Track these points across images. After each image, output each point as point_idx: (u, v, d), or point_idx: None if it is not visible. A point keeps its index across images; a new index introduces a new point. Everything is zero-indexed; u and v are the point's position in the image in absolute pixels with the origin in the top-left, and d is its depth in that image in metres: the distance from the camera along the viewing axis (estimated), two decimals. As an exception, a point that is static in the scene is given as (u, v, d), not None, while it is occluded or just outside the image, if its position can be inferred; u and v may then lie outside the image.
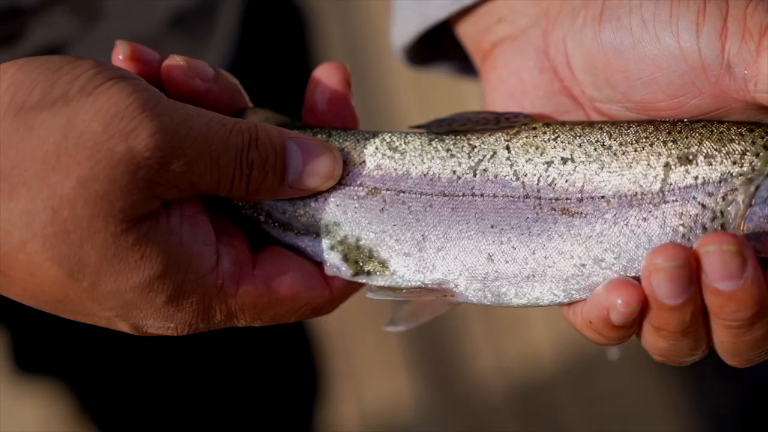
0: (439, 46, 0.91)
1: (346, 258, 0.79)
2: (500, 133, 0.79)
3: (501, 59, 0.83)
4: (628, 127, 0.77)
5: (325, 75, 0.81)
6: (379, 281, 0.79)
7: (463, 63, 0.92)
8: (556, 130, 0.78)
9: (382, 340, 2.54)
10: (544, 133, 0.78)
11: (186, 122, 0.71)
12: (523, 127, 0.79)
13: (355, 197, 0.79)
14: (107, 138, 0.69)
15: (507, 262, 0.77)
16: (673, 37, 0.73)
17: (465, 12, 0.84)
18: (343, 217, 0.79)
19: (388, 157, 0.79)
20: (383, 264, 0.79)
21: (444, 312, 0.81)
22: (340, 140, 0.80)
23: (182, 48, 1.08)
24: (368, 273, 0.79)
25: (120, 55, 0.77)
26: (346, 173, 0.79)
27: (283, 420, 1.65)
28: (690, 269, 0.70)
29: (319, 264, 0.79)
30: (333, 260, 0.79)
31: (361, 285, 0.80)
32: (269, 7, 1.36)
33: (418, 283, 0.79)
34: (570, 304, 0.78)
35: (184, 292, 0.73)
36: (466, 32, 0.85)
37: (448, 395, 2.49)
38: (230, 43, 1.23)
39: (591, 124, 0.78)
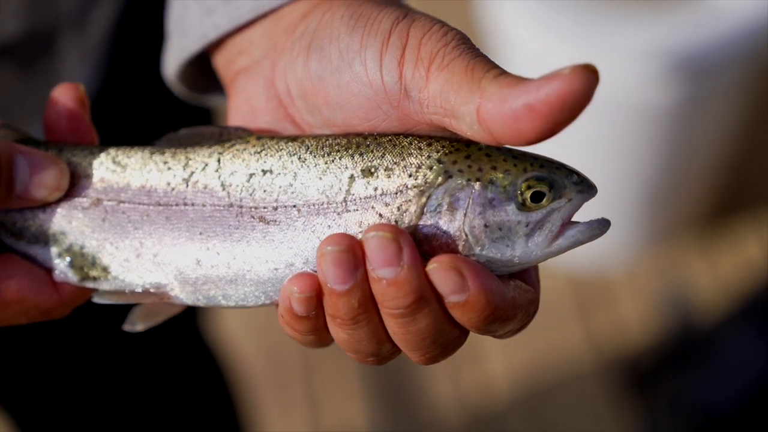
0: (214, 76, 0.97)
1: (72, 265, 0.84)
2: (216, 147, 0.84)
3: (238, 88, 0.89)
4: (326, 141, 0.82)
5: (62, 95, 0.87)
6: (104, 286, 0.85)
7: None
8: (264, 144, 0.83)
9: (341, 368, 2.58)
10: (253, 146, 0.83)
11: None
12: (238, 140, 0.84)
13: (80, 208, 0.84)
14: None
15: (213, 266, 0.82)
16: (361, 65, 0.78)
17: (215, 46, 0.90)
18: (69, 227, 0.84)
19: (111, 170, 0.85)
20: (106, 270, 0.84)
21: (176, 312, 0.86)
22: (69, 155, 0.85)
23: (11, 79, 1.14)
24: (94, 278, 0.84)
25: None
26: (72, 185, 0.85)
27: None
28: (355, 255, 0.75)
29: (50, 270, 0.85)
30: (61, 267, 0.84)
31: (92, 290, 0.85)
32: (148, 32, 1.41)
33: (139, 287, 0.84)
34: (274, 305, 0.82)
35: None
36: (219, 63, 0.91)
37: (405, 423, 2.52)
38: (91, 70, 1.29)
39: (295, 138, 0.83)
